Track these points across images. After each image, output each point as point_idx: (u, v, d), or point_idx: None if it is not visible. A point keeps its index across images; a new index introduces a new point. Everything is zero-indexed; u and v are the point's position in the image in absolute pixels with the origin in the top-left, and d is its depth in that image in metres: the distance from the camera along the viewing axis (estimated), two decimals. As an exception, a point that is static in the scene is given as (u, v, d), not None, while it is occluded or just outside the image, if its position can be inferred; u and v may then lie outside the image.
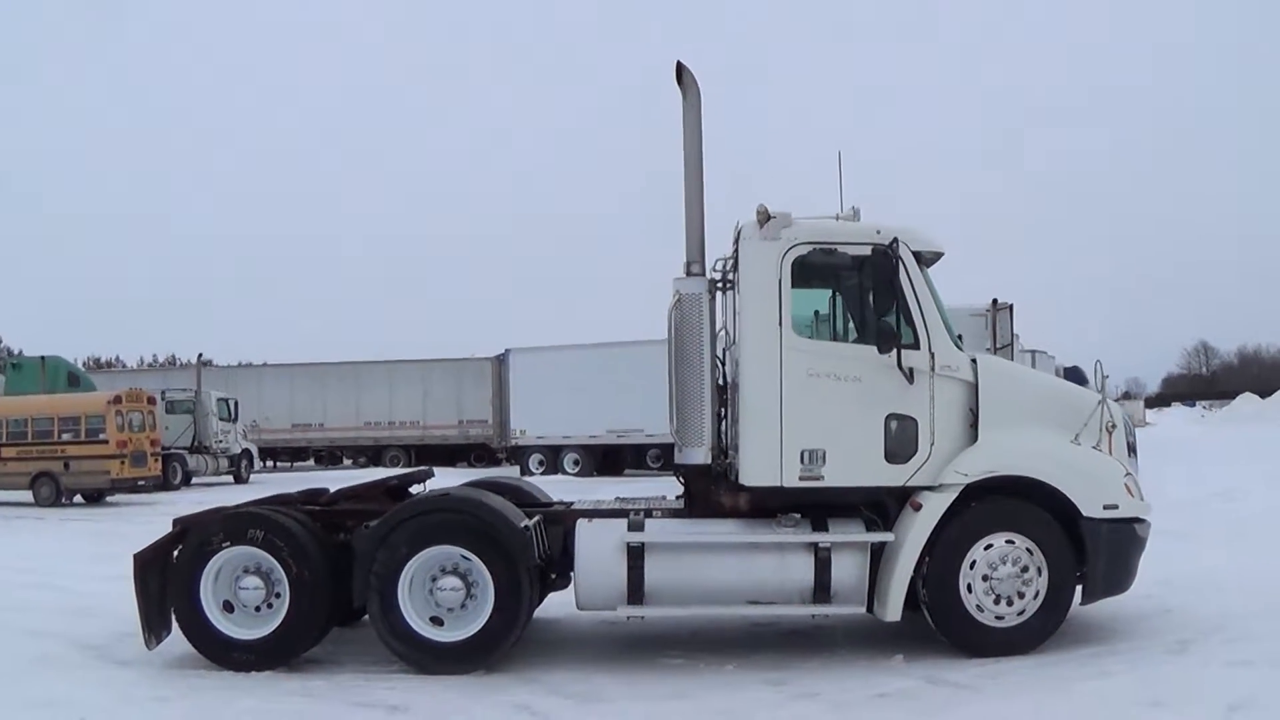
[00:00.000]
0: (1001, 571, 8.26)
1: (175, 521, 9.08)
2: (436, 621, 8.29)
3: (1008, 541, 8.30)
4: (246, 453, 35.25)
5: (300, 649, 8.41)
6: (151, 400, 27.80)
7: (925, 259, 8.67)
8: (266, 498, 9.29)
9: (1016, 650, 8.24)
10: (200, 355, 35.45)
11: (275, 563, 8.32)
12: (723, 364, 9.14)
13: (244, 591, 8.40)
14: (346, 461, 42.56)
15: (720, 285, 9.12)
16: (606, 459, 34.10)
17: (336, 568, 8.47)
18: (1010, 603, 8.28)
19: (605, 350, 34.03)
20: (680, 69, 8.80)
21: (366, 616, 8.69)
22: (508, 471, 34.77)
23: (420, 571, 8.28)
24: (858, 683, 7.68)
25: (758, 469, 8.39)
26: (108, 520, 22.18)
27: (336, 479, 28.61)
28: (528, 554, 8.26)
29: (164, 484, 28.94)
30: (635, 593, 8.25)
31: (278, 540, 8.34)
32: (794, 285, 8.46)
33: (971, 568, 8.27)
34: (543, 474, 32.83)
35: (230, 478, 34.14)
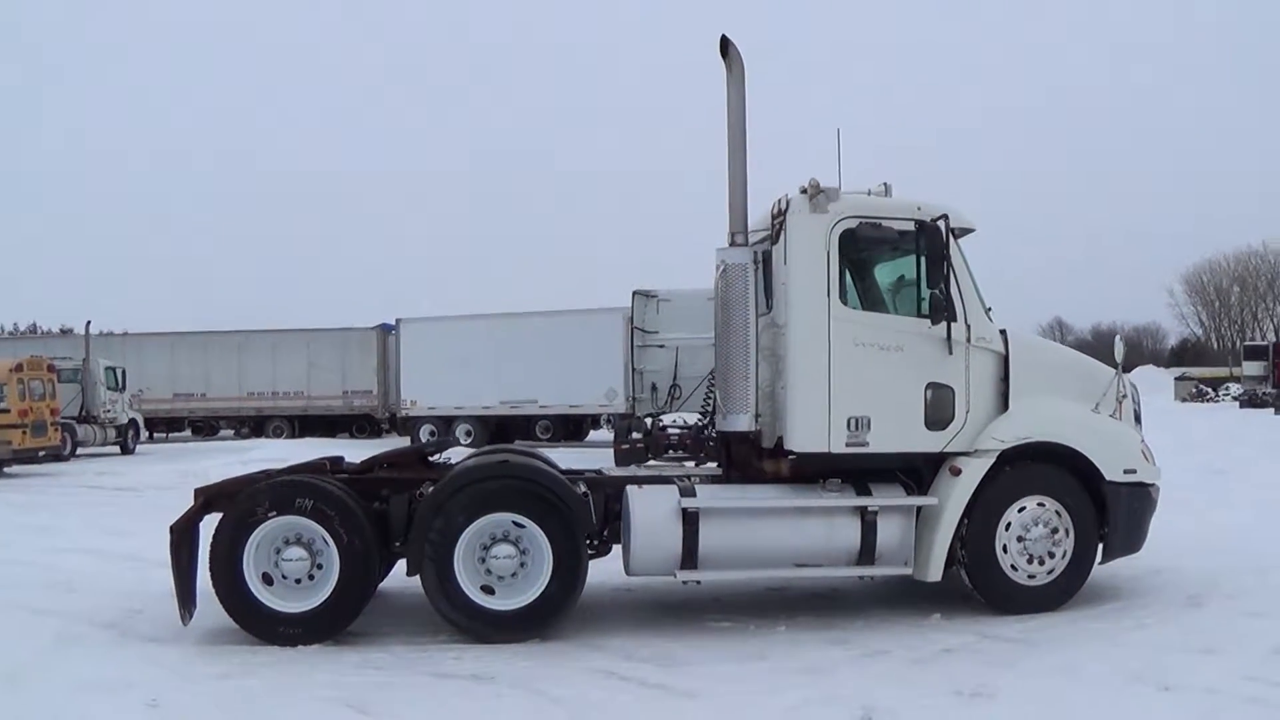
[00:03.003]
0: (1034, 533, 8.69)
1: (197, 492, 8.82)
2: (487, 590, 8.24)
3: (1039, 504, 8.73)
4: (133, 423, 33.78)
5: (348, 621, 8.23)
6: (52, 368, 26.42)
7: (957, 235, 8.98)
8: (294, 465, 9.05)
9: (1046, 607, 8.69)
10: (89, 323, 33.88)
11: (324, 533, 8.11)
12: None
13: (287, 563, 8.16)
14: (227, 432, 41.48)
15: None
16: (499, 430, 33.97)
17: (378, 537, 8.39)
18: (1041, 562, 8.72)
19: (498, 320, 33.90)
20: (725, 42, 8.86)
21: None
22: (397, 442, 34.52)
23: (473, 540, 8.24)
24: (917, 639, 7.99)
25: (806, 435, 8.60)
26: (16, 491, 21.15)
27: (236, 450, 28.08)
28: (587, 521, 8.32)
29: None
30: (689, 557, 8.37)
31: (328, 509, 8.14)
32: (840, 257, 8.69)
33: (1007, 529, 8.68)
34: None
35: (117, 448, 32.81)
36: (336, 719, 6.33)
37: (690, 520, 8.35)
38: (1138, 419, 9.59)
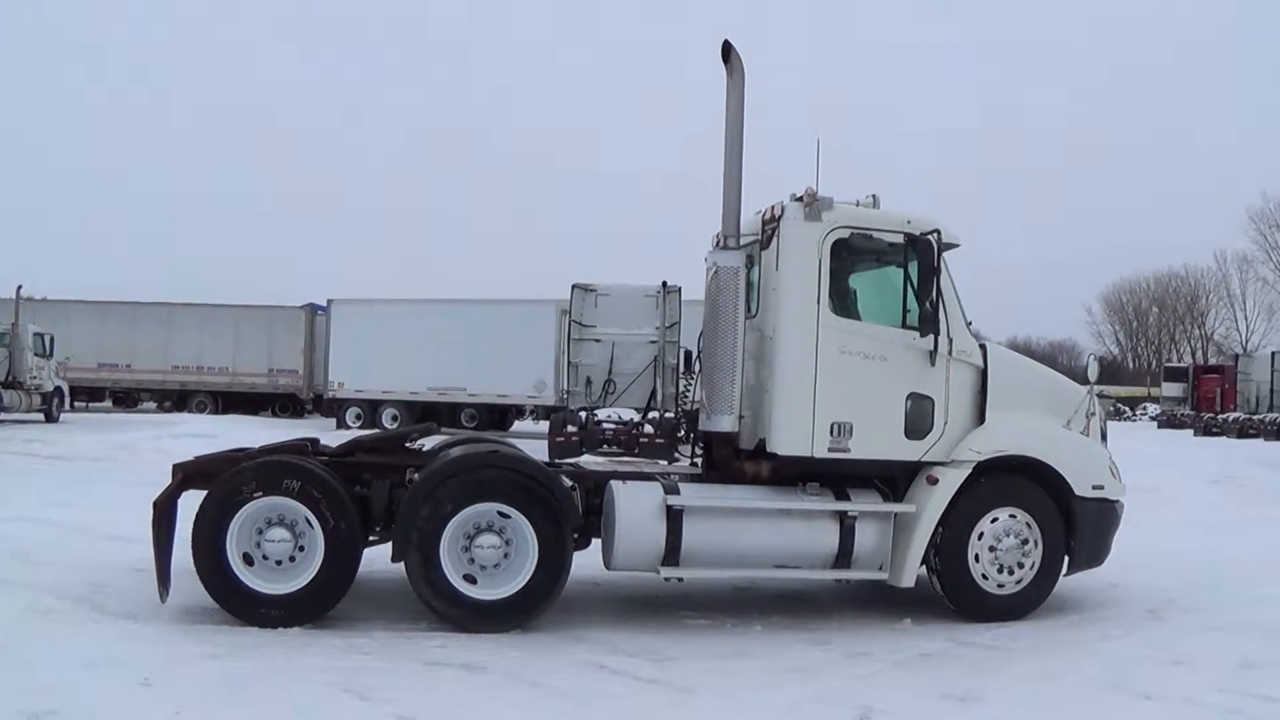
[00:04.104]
0: (1005, 543, 8.94)
1: (176, 468, 8.69)
2: (469, 579, 8.24)
3: (1011, 516, 8.98)
4: (59, 391, 33.05)
5: (331, 604, 8.19)
6: (-12, 333, 25.83)
7: (944, 249, 9.18)
8: (274, 445, 8.97)
9: (1013, 616, 8.95)
10: (20, 287, 33.01)
11: (309, 514, 8.07)
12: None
13: (269, 544, 8.08)
14: (149, 404, 40.92)
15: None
16: (425, 416, 33.80)
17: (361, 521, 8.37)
18: (1011, 572, 8.98)
19: (431, 306, 34.00)
20: (728, 47, 8.96)
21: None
22: (320, 423, 34.36)
23: (458, 528, 8.24)
24: (893, 643, 8.18)
25: (790, 439, 8.74)
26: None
27: (162, 423, 27.58)
28: (574, 514, 8.38)
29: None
30: (672, 554, 8.46)
31: (315, 492, 8.09)
32: (831, 266, 8.84)
33: (979, 539, 8.91)
34: (360, 428, 32.47)
35: (41, 416, 32.03)
36: (337, 704, 6.29)
37: (674, 517, 8.43)
38: (1104, 437, 9.90)
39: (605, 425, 25.82)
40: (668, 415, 26.27)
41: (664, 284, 26.52)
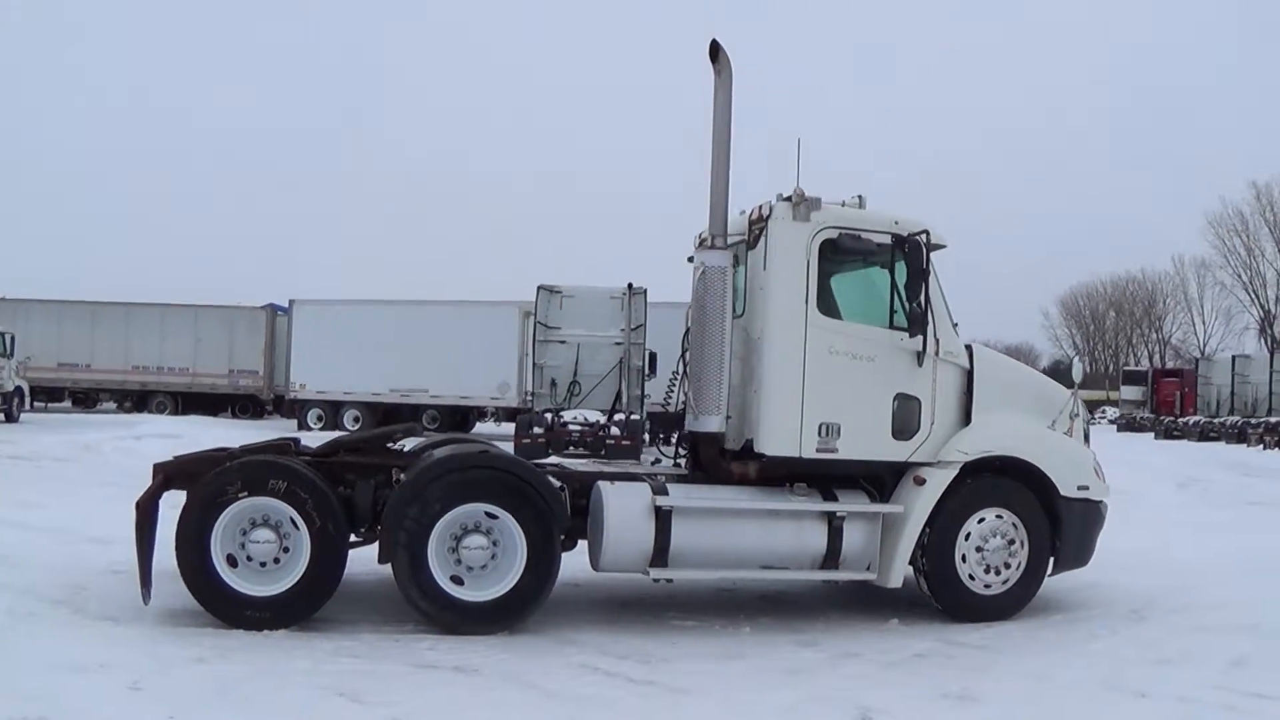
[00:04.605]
0: (992, 544, 8.96)
1: (156, 468, 8.57)
2: (456, 581, 8.16)
3: (997, 516, 9.01)
4: (19, 390, 32.60)
5: (318, 606, 8.09)
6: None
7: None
8: (256, 445, 8.84)
9: (999, 616, 8.98)
10: None
11: (295, 515, 7.96)
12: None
13: (254, 545, 7.97)
14: (109, 404, 40.49)
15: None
16: (387, 417, 33.67)
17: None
18: (998, 572, 9.01)
19: (394, 308, 33.95)
20: (715, 47, 8.94)
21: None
22: (281, 424, 34.20)
23: (445, 529, 8.17)
24: (883, 643, 8.18)
25: (779, 439, 8.72)
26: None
27: (125, 424, 27.22)
28: (563, 515, 8.33)
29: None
30: (660, 555, 8.42)
31: (302, 492, 7.99)
32: (819, 266, 8.83)
33: (966, 539, 8.94)
34: (321, 429, 32.39)
35: (1, 415, 31.52)
36: (331, 708, 6.19)
37: (663, 518, 8.40)
38: (1086, 438, 9.96)
39: (571, 427, 25.82)
40: (633, 417, 26.35)
41: (629, 286, 26.59)
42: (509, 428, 35.98)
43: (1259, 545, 13.62)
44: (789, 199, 8.82)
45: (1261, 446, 37.89)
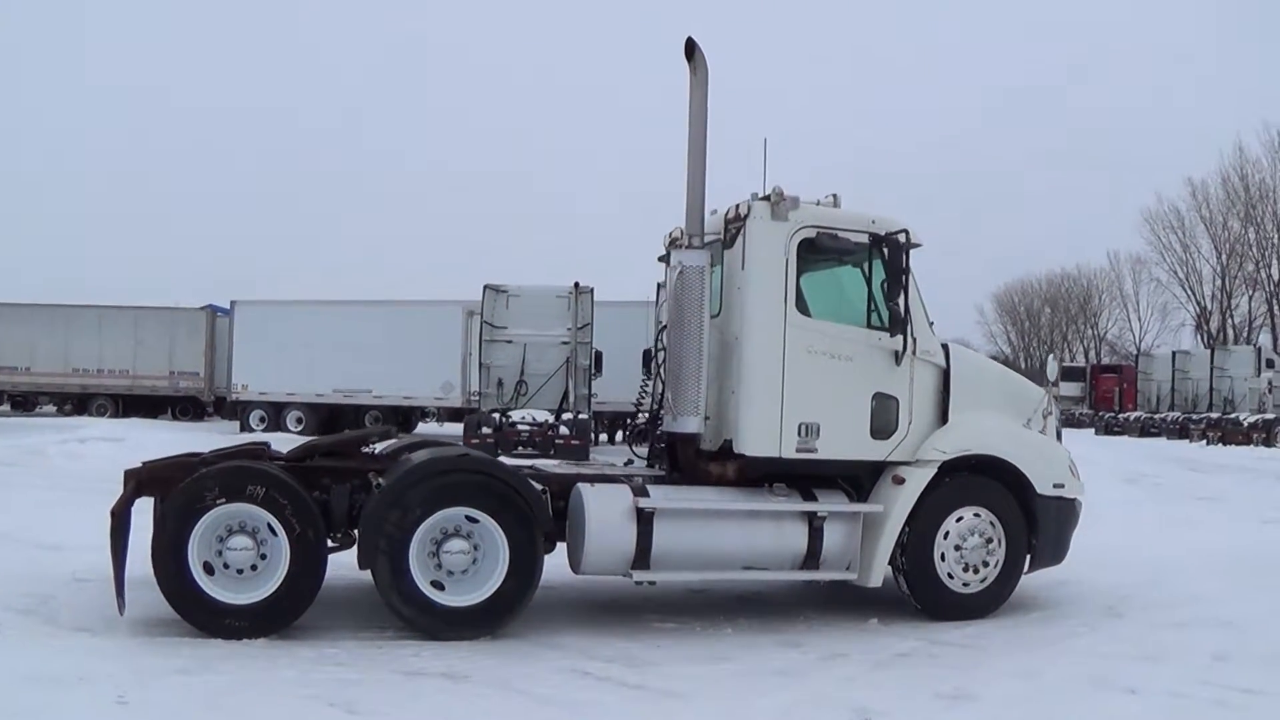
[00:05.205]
0: (970, 542, 9.02)
1: (127, 474, 8.37)
2: (436, 586, 8.05)
3: (975, 515, 9.07)
4: (-41, 394, 31.98)
5: (298, 613, 7.93)
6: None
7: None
8: (228, 450, 8.67)
9: (978, 614, 9.04)
10: None
11: (273, 521, 7.79)
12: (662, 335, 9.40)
13: (231, 552, 7.79)
14: (49, 408, 39.74)
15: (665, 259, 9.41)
16: (330, 418, 33.47)
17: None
18: (976, 571, 9.06)
19: (336, 308, 33.77)
20: (691, 45, 8.91)
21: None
22: (222, 426, 33.77)
23: (426, 534, 8.05)
24: (867, 644, 8.19)
25: (759, 440, 8.71)
26: None
27: (68, 427, 26.67)
28: (545, 518, 8.25)
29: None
30: (643, 557, 8.38)
31: (281, 498, 7.82)
32: (797, 266, 8.83)
33: (945, 538, 8.99)
34: (264, 430, 31.99)
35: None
36: (325, 718, 6.09)
37: (645, 520, 8.35)
38: (1059, 436, 10.07)
39: (520, 426, 25.71)
40: (581, 416, 26.29)
41: (576, 285, 26.57)
42: (451, 428, 35.89)
43: (1221, 542, 13.94)
44: (767, 198, 8.81)
45: (1205, 442, 38.63)
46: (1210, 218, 72.45)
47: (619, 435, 35.98)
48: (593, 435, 29.41)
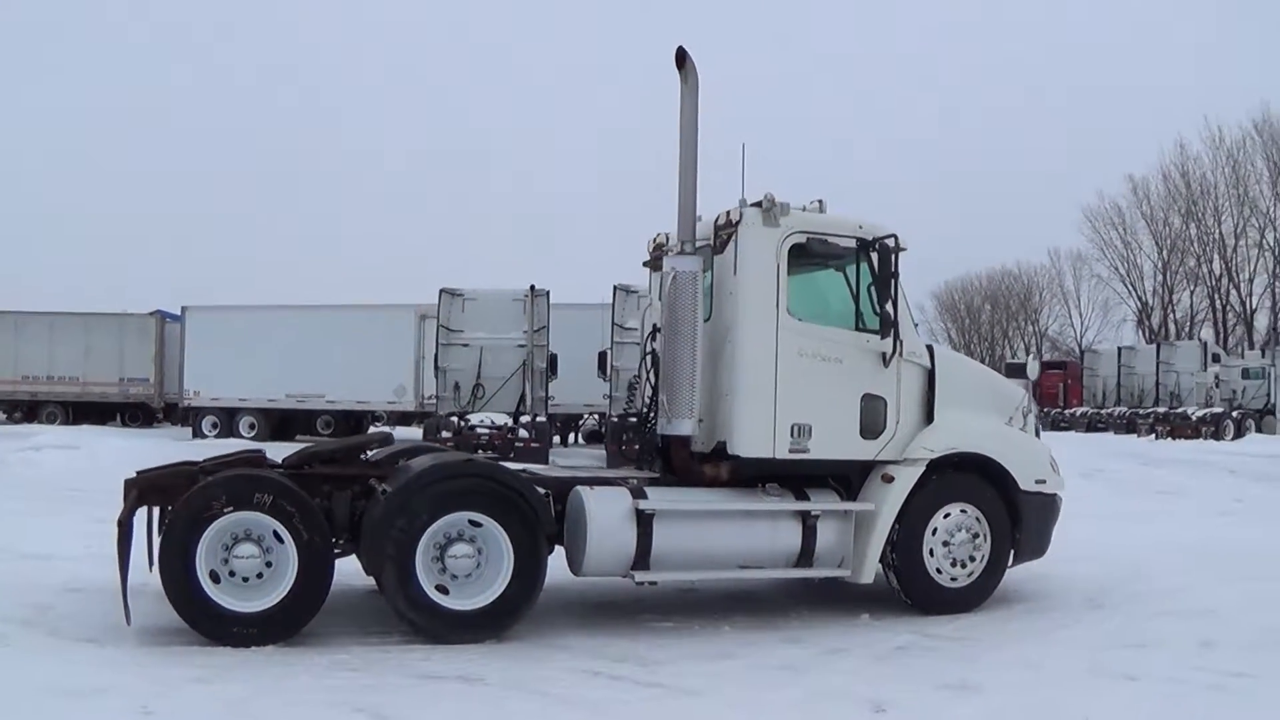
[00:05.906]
0: (958, 538, 9.29)
1: (128, 484, 8.36)
2: (441, 590, 8.15)
3: (962, 511, 9.34)
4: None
5: (306, 620, 7.98)
6: None
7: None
8: (227, 458, 8.67)
9: (965, 608, 9.30)
10: None
11: (279, 528, 7.84)
12: (652, 339, 9.57)
13: (238, 560, 7.82)
14: None
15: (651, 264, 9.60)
16: (283, 423, 33.43)
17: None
18: (963, 565, 9.33)
19: (287, 312, 33.70)
20: (682, 54, 9.08)
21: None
22: (173, 432, 33.50)
23: (431, 539, 8.14)
24: (864, 638, 8.42)
25: (752, 441, 8.90)
26: None
27: (20, 434, 26.27)
28: (549, 521, 8.38)
29: None
30: (643, 558, 8.53)
31: (288, 505, 7.87)
32: (788, 271, 9.04)
33: (933, 534, 9.24)
34: (217, 436, 31.88)
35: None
36: (355, 725, 6.18)
37: (645, 522, 8.50)
38: (1037, 433, 10.37)
39: (479, 430, 25.74)
40: (539, 419, 26.38)
41: (531, 288, 26.69)
42: (403, 431, 35.76)
43: (1187, 534, 14.38)
44: (759, 204, 9.00)
45: (1154, 436, 39.42)
46: (1151, 214, 73.78)
47: (572, 437, 36.13)
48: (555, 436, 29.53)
